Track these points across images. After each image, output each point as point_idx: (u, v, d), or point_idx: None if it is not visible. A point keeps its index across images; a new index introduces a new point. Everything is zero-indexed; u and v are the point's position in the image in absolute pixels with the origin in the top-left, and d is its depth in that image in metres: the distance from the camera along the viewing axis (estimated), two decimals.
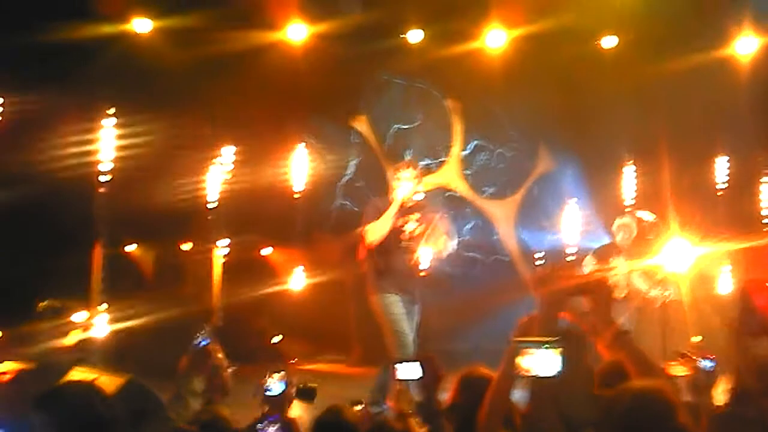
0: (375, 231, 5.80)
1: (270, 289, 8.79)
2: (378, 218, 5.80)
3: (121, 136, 8.33)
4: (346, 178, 9.56)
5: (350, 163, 9.61)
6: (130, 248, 8.99)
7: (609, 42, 8.83)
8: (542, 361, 2.28)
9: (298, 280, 9.44)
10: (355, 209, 9.51)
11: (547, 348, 2.30)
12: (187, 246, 9.24)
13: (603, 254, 7.44)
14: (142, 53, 8.05)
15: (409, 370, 3.50)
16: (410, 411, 3.62)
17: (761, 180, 9.41)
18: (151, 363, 4.06)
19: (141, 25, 8.20)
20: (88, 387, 2.50)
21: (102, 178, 8.26)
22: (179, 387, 3.37)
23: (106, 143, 8.15)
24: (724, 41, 8.68)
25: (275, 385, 3.44)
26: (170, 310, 7.26)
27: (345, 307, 9.06)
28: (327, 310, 8.82)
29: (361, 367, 8.68)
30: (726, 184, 9.28)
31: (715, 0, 8.35)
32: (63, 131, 7.78)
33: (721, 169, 9.35)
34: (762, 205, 9.27)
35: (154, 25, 8.21)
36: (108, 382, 3.24)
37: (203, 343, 3.28)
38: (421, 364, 3.40)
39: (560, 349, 2.28)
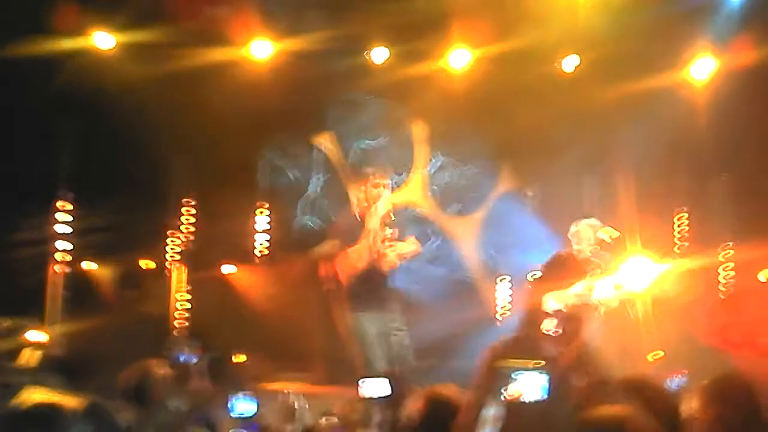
0: (359, 256, 5.71)
1: (233, 307, 8.70)
2: (354, 239, 5.71)
3: (79, 153, 8.24)
4: (310, 195, 9.52)
5: (313, 181, 9.58)
6: (88, 265, 8.81)
7: (570, 62, 8.96)
8: (529, 385, 2.21)
9: (259, 298, 9.36)
10: (318, 227, 9.49)
11: (533, 371, 2.24)
12: (147, 263, 9.08)
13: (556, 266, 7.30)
14: (103, 69, 7.96)
15: (376, 387, 3.45)
16: (358, 421, 3.55)
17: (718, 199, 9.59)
18: (110, 384, 3.94)
19: (102, 40, 8.12)
20: (51, 406, 2.41)
21: (61, 195, 8.15)
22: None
23: (65, 159, 8.07)
24: (682, 63, 8.87)
25: (244, 405, 3.38)
26: (130, 329, 7.12)
27: (307, 325, 8.99)
28: (289, 328, 8.74)
29: (324, 385, 8.61)
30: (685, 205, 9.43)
31: (672, 22, 8.51)
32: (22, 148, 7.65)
33: (680, 189, 9.51)
34: (717, 224, 9.44)
35: (115, 40, 8.14)
36: (69, 402, 3.12)
37: (186, 359, 3.19)
38: (389, 381, 3.36)
39: (545, 372, 2.21)
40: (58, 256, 8.38)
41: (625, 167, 9.07)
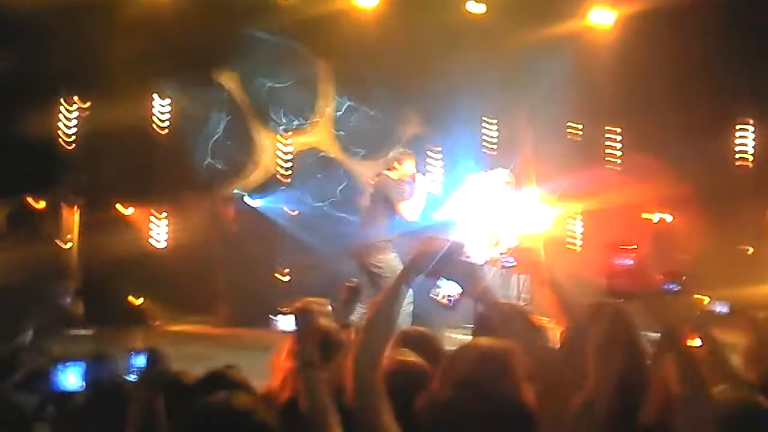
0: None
1: (131, 249, 8.51)
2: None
3: None
4: (214, 136, 9.31)
5: (218, 121, 9.36)
6: None
7: (475, 7, 9.05)
8: None
9: (160, 240, 9.21)
10: (222, 168, 9.34)
11: None
12: (37, 202, 8.74)
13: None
14: None
15: (285, 322, 3.55)
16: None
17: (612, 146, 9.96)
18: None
19: None
20: None
21: None
22: None
23: None
24: (582, 11, 9.10)
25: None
26: (24, 270, 6.86)
27: (209, 268, 8.91)
28: (191, 270, 8.65)
29: (226, 327, 8.60)
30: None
31: None
32: None
33: (578, 134, 9.84)
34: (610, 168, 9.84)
35: None
36: None
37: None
38: (297, 317, 3.43)
39: None
40: None
41: (526, 112, 9.26)
